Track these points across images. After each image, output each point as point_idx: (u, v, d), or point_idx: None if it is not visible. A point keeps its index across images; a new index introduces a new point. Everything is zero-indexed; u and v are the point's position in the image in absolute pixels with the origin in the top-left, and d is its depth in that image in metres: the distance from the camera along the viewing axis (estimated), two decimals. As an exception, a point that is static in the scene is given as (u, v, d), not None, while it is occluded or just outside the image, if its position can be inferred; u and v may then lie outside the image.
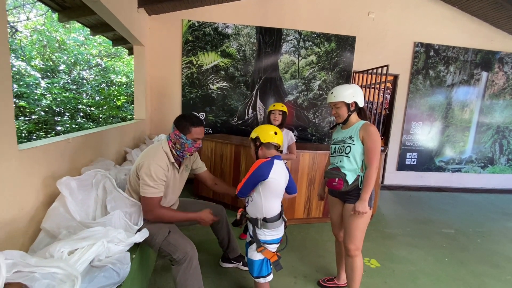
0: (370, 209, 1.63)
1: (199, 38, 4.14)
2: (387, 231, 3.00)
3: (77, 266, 1.04)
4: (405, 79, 4.70)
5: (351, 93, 1.63)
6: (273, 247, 1.52)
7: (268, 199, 1.49)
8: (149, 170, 1.52)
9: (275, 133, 1.52)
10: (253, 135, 1.56)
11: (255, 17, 4.20)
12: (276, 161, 1.51)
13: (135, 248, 1.55)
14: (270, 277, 1.55)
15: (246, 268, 2.09)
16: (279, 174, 1.50)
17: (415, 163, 4.94)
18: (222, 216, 2.00)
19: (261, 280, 1.53)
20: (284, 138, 2.49)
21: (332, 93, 1.66)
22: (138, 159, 1.63)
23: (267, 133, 1.52)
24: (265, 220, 1.49)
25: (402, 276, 2.18)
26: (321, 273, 2.16)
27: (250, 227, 1.57)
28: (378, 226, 3.12)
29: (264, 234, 1.50)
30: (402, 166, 4.92)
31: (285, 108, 2.60)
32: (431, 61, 4.66)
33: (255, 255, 1.51)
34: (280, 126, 2.59)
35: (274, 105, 2.62)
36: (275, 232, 1.51)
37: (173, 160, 1.65)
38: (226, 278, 2.02)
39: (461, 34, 4.64)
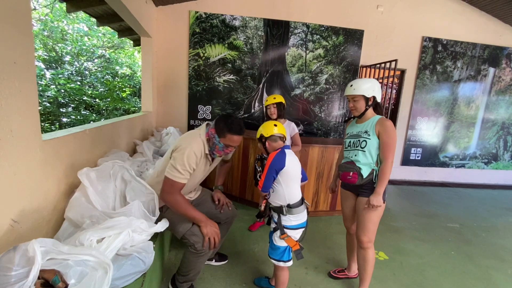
0: (384, 202, 1.66)
1: (206, 30, 4.11)
2: (393, 225, 3.05)
3: (106, 254, 1.06)
4: (412, 74, 4.68)
5: (370, 87, 1.63)
6: (298, 232, 1.60)
7: (289, 186, 1.56)
8: (183, 154, 1.48)
9: (275, 125, 1.63)
10: (258, 135, 1.69)
11: (263, 9, 4.15)
12: (287, 151, 1.60)
13: (154, 238, 1.57)
14: (290, 263, 1.62)
15: (218, 264, 2.12)
16: (293, 161, 1.59)
17: (419, 158, 4.96)
18: (232, 217, 1.99)
19: (281, 264, 1.61)
20: (286, 130, 2.49)
21: (351, 85, 1.67)
22: (176, 143, 1.59)
23: (268, 127, 1.63)
24: (289, 206, 1.56)
25: (410, 268, 2.23)
26: (331, 264, 2.20)
27: (275, 215, 1.63)
28: (384, 219, 3.14)
29: (290, 220, 1.57)
30: (406, 161, 4.94)
31: (279, 99, 2.55)
32: (438, 56, 4.64)
33: (279, 242, 1.59)
34: (280, 117, 2.60)
35: (267, 100, 2.61)
36: (300, 217, 1.59)
37: (207, 152, 1.61)
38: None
39: (470, 29, 4.60)
